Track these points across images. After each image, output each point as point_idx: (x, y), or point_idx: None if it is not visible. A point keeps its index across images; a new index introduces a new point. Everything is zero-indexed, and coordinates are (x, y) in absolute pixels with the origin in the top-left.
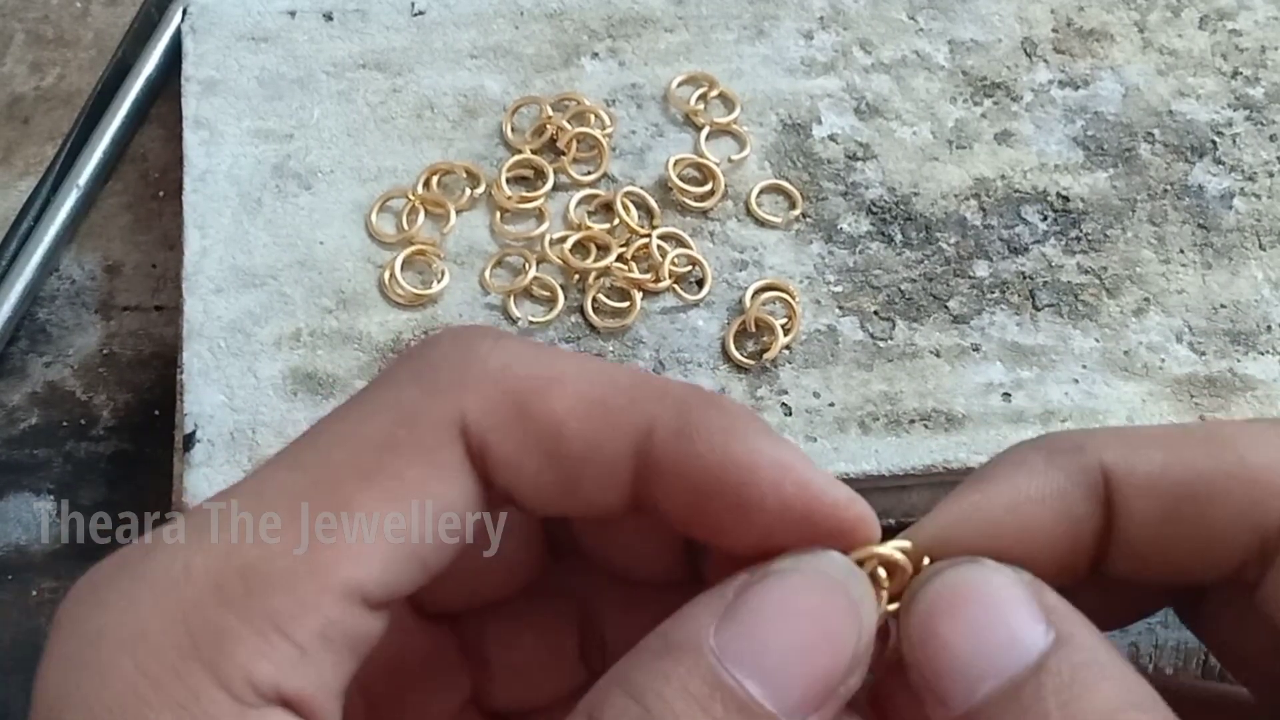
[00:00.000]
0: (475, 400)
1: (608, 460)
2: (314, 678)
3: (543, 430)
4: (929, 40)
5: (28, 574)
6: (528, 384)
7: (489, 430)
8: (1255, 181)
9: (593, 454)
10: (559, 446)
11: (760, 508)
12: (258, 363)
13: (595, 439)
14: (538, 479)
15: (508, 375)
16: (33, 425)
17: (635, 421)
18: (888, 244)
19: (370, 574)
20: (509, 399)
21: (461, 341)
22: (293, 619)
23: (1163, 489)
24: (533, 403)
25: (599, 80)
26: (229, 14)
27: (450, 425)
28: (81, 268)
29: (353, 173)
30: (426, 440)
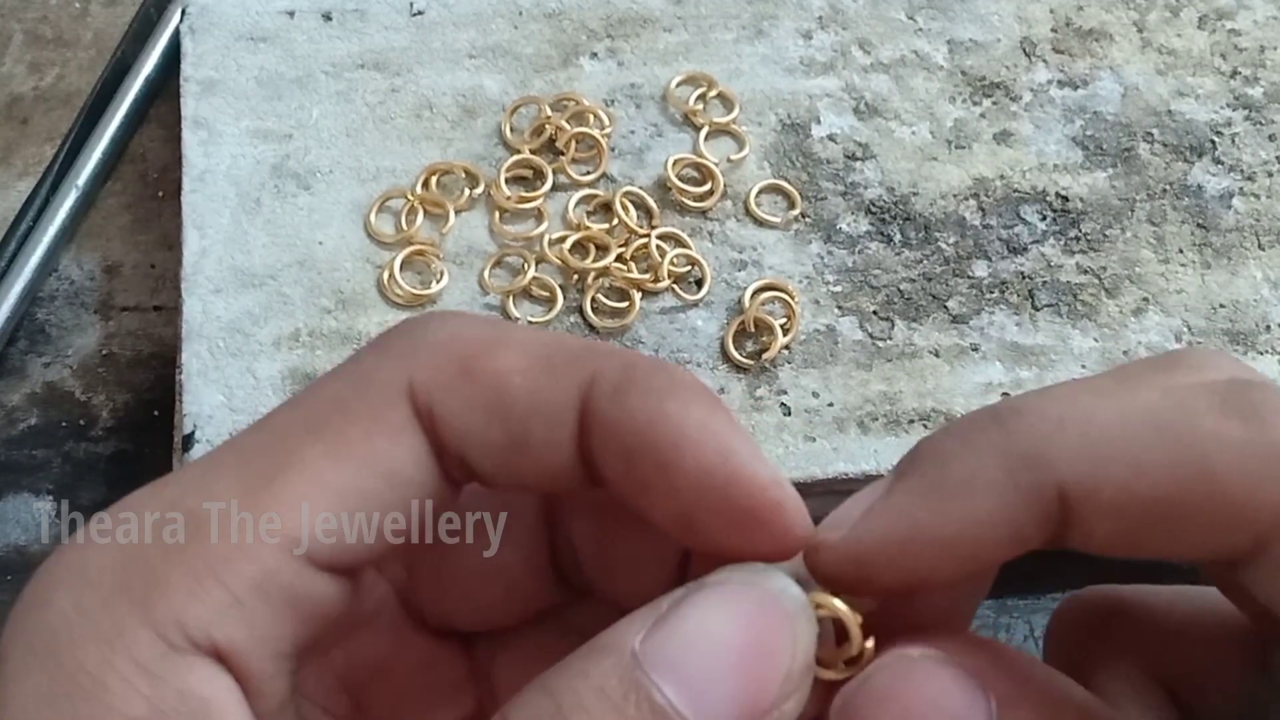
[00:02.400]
0: (422, 363)
1: (552, 413)
2: (248, 630)
3: (487, 386)
4: (928, 40)
5: (27, 574)
6: (473, 345)
7: (434, 389)
8: (1254, 181)
9: (538, 406)
10: (504, 401)
11: (680, 469)
12: (257, 363)
13: (540, 392)
14: (485, 438)
15: (454, 339)
16: (32, 426)
17: (578, 375)
18: (887, 244)
19: (310, 527)
20: (454, 359)
21: (419, 320)
22: (227, 565)
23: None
24: (478, 361)
25: (598, 80)
26: (228, 14)
27: (398, 386)
28: (80, 268)
29: (352, 173)
30: (374, 401)
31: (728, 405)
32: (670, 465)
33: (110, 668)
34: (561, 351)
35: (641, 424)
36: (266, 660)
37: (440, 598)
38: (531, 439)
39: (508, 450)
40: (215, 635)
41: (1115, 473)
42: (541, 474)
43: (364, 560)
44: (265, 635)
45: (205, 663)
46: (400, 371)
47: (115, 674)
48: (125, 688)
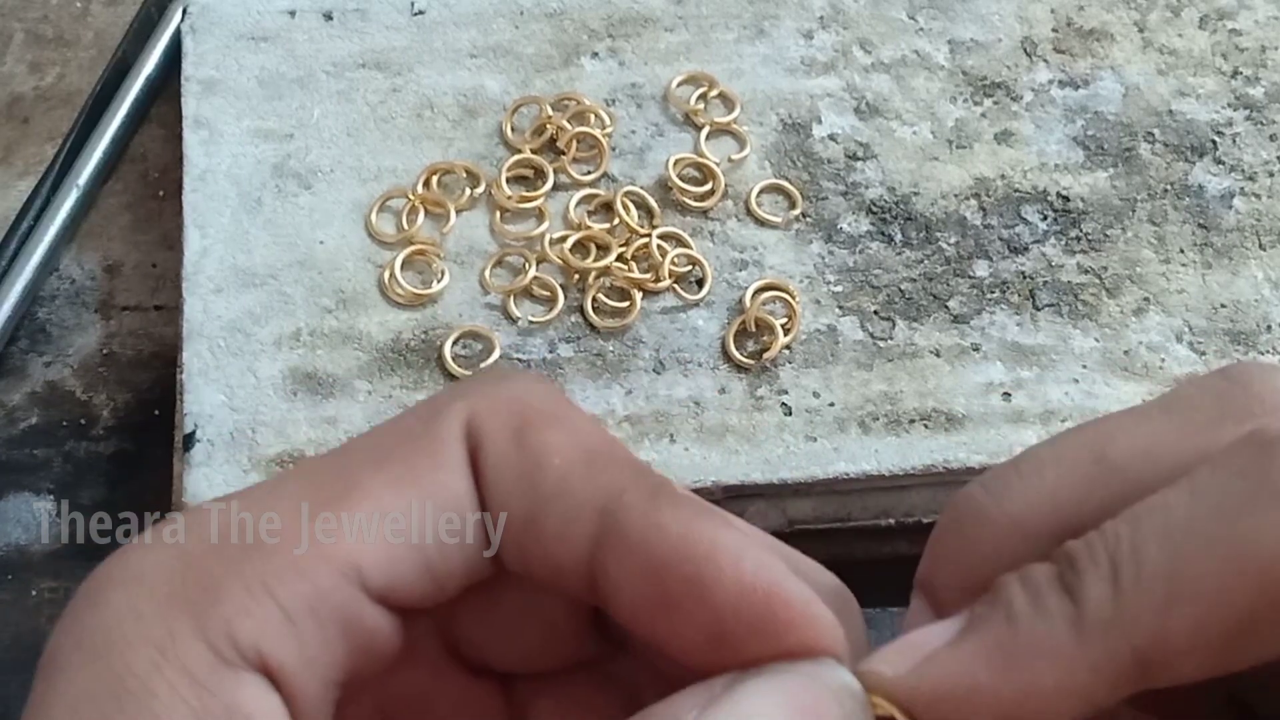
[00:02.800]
0: (485, 406)
1: (573, 507)
2: (298, 650)
3: (530, 454)
4: (929, 40)
5: (27, 574)
6: (534, 410)
7: (486, 435)
8: (1255, 181)
9: (563, 494)
10: (537, 474)
11: (718, 586)
12: (258, 362)
13: (570, 481)
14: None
15: (521, 397)
16: (33, 425)
17: (611, 481)
18: (888, 244)
19: (366, 553)
20: (514, 415)
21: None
22: (282, 582)
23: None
24: (532, 425)
25: (599, 80)
26: (229, 14)
27: (459, 423)
28: (81, 267)
29: (353, 172)
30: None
31: (728, 405)
32: (707, 580)
33: (159, 675)
34: (605, 452)
35: (674, 539)
36: (314, 683)
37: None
38: (547, 525)
39: (523, 526)
40: (265, 651)
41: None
42: (546, 567)
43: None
44: (315, 657)
45: (255, 678)
46: (464, 412)
47: (164, 681)
48: (173, 696)
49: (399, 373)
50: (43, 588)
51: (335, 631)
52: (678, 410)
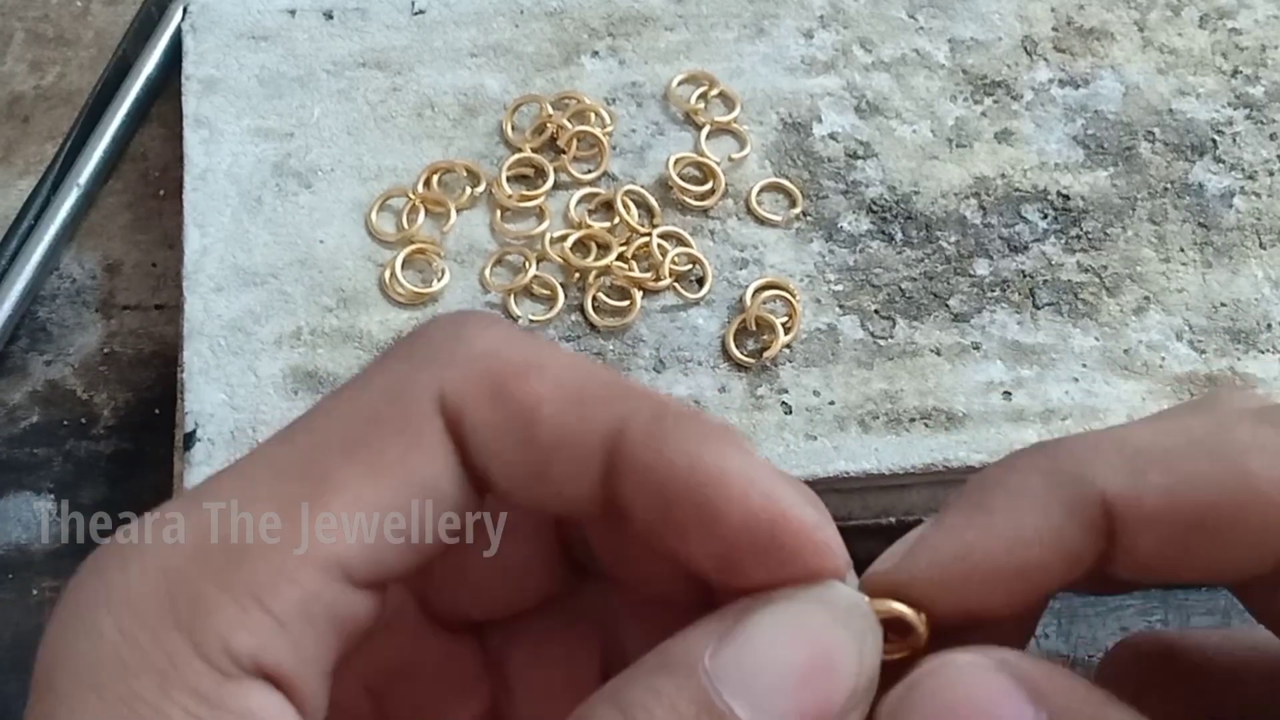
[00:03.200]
0: (456, 375)
1: (578, 450)
2: (295, 652)
3: (517, 411)
4: (929, 39)
5: (28, 573)
6: (509, 365)
7: (465, 405)
8: (1255, 180)
9: (564, 441)
10: (532, 429)
11: (725, 516)
12: (258, 361)
13: (568, 426)
14: (509, 460)
15: (490, 355)
16: (33, 424)
17: (609, 415)
18: (888, 242)
19: (351, 548)
20: (488, 377)
21: (452, 323)
22: (271, 590)
23: (1169, 520)
24: (511, 383)
25: (599, 79)
26: (229, 13)
27: (431, 399)
28: (82, 266)
29: (353, 171)
30: (409, 414)
31: (729, 404)
32: (714, 510)
33: (169, 699)
34: (594, 386)
35: (682, 470)
36: (313, 679)
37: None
38: (554, 471)
39: (529, 478)
40: (262, 659)
41: (1156, 481)
42: (561, 504)
43: (399, 575)
44: (311, 656)
45: (260, 685)
46: (433, 381)
47: (175, 705)
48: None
49: None
50: (43, 587)
51: (326, 627)
52: None
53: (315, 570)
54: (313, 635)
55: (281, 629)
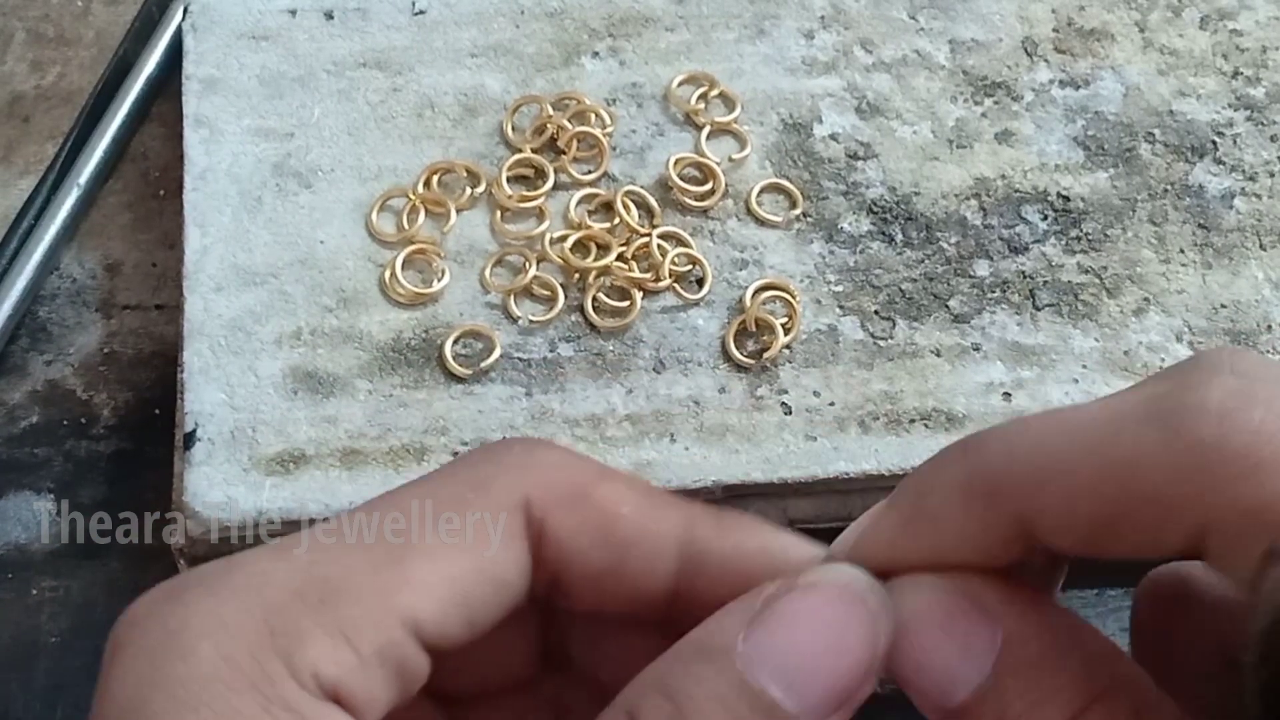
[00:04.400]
0: (540, 479)
1: (655, 544)
2: (366, 690)
3: (599, 512)
4: (930, 40)
5: (27, 573)
6: (587, 474)
7: (551, 508)
8: (1256, 181)
9: (643, 538)
10: (612, 528)
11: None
12: (258, 361)
13: (645, 525)
14: (588, 559)
15: (567, 465)
16: (33, 424)
17: (680, 516)
18: (888, 243)
19: (428, 609)
20: (570, 483)
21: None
22: (359, 630)
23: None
24: (591, 488)
25: (599, 79)
26: (230, 12)
27: (515, 496)
28: (82, 266)
29: (353, 171)
30: (492, 504)
31: (729, 405)
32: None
33: (265, 712)
34: (660, 494)
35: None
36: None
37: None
38: (631, 566)
39: (606, 574)
40: (342, 688)
41: (1055, 495)
42: (631, 599)
43: (454, 647)
44: (377, 697)
45: (338, 710)
46: (518, 480)
47: (270, 716)
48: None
49: (399, 372)
50: (43, 587)
51: (394, 675)
52: (678, 410)
53: (397, 621)
54: (383, 678)
55: (361, 666)
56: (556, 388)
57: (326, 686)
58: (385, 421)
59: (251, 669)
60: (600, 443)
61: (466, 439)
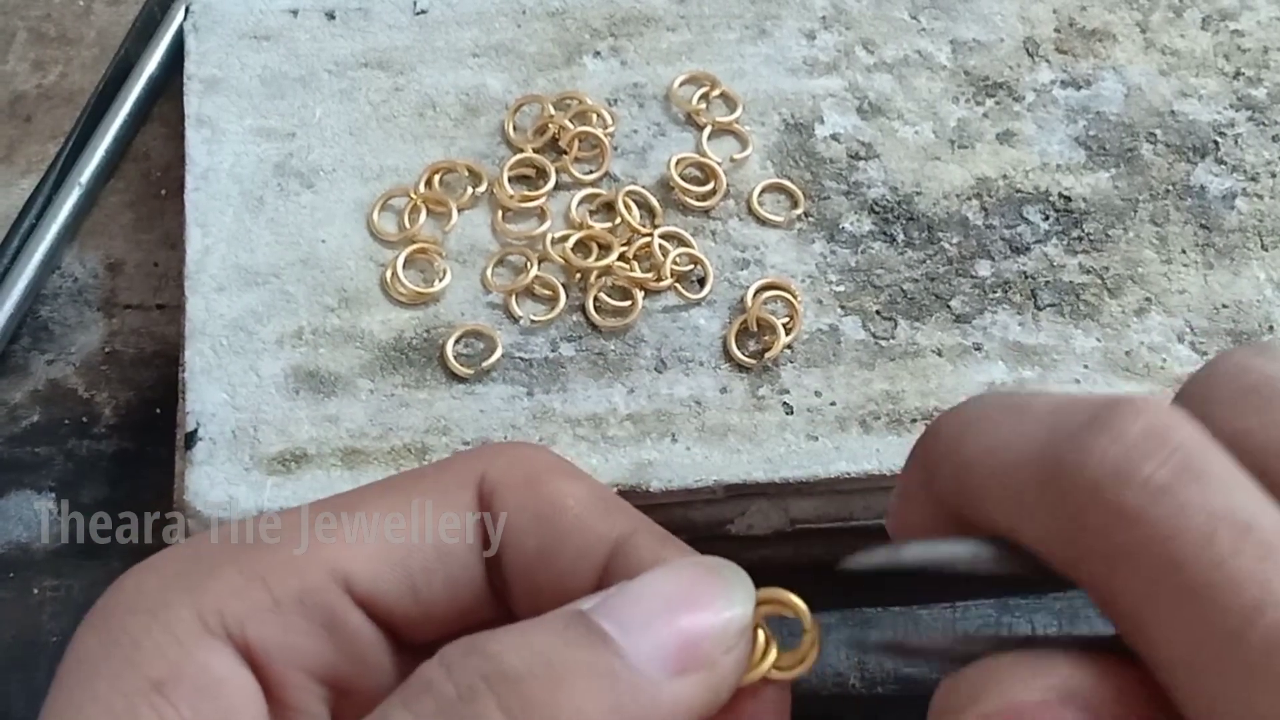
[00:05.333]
0: (501, 464)
1: (590, 543)
2: (280, 634)
3: (545, 499)
4: (931, 40)
5: (28, 572)
6: (547, 466)
7: (500, 485)
8: (1257, 182)
9: (579, 532)
10: (554, 518)
11: None
12: (260, 361)
13: (586, 521)
14: (523, 540)
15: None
16: (34, 423)
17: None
18: (890, 243)
19: (360, 565)
20: (528, 470)
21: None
22: (275, 574)
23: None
24: (544, 477)
25: (601, 79)
26: (231, 12)
27: (470, 476)
28: (84, 266)
29: (355, 171)
30: (445, 477)
31: (730, 405)
32: None
33: (147, 633)
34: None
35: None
36: (293, 670)
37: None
38: (562, 559)
39: (540, 560)
40: (248, 630)
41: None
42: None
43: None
44: (296, 645)
45: (231, 650)
46: (477, 466)
47: (150, 639)
48: (155, 651)
49: (401, 371)
50: (44, 586)
51: (319, 625)
52: (679, 409)
53: (320, 570)
54: (303, 626)
55: (275, 610)
56: (558, 387)
57: (231, 626)
58: (387, 421)
59: (154, 596)
60: (601, 442)
61: (468, 439)
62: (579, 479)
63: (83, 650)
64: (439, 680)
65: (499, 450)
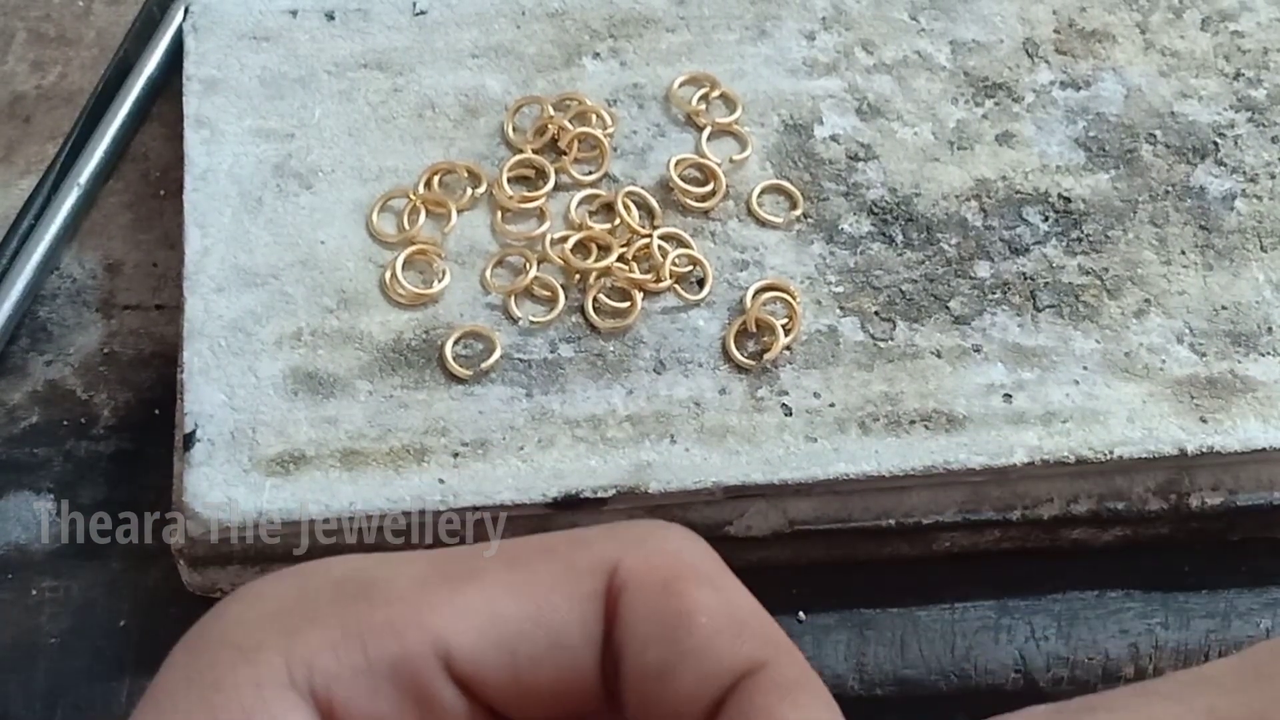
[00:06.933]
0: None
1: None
2: (366, 702)
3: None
4: (931, 41)
5: (27, 573)
6: (689, 567)
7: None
8: (1257, 183)
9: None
10: (680, 630)
11: None
12: (259, 362)
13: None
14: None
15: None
16: (33, 424)
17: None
18: (889, 244)
19: (463, 638)
20: (666, 569)
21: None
22: (375, 635)
23: None
24: (685, 581)
25: (600, 80)
26: (231, 13)
27: (604, 563)
28: (82, 266)
29: (354, 172)
30: (576, 559)
31: (729, 406)
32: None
33: (231, 674)
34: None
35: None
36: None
37: None
38: (682, 680)
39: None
40: (334, 693)
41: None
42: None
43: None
44: (374, 710)
45: (310, 711)
46: (613, 552)
47: (232, 681)
48: (233, 695)
49: (400, 372)
50: (43, 587)
51: (410, 698)
52: (678, 411)
53: (424, 638)
54: (392, 696)
55: (368, 674)
56: (557, 389)
57: (317, 685)
58: (386, 422)
59: (248, 636)
60: (600, 444)
61: (467, 440)
62: (718, 589)
63: (169, 678)
64: None
65: (643, 536)
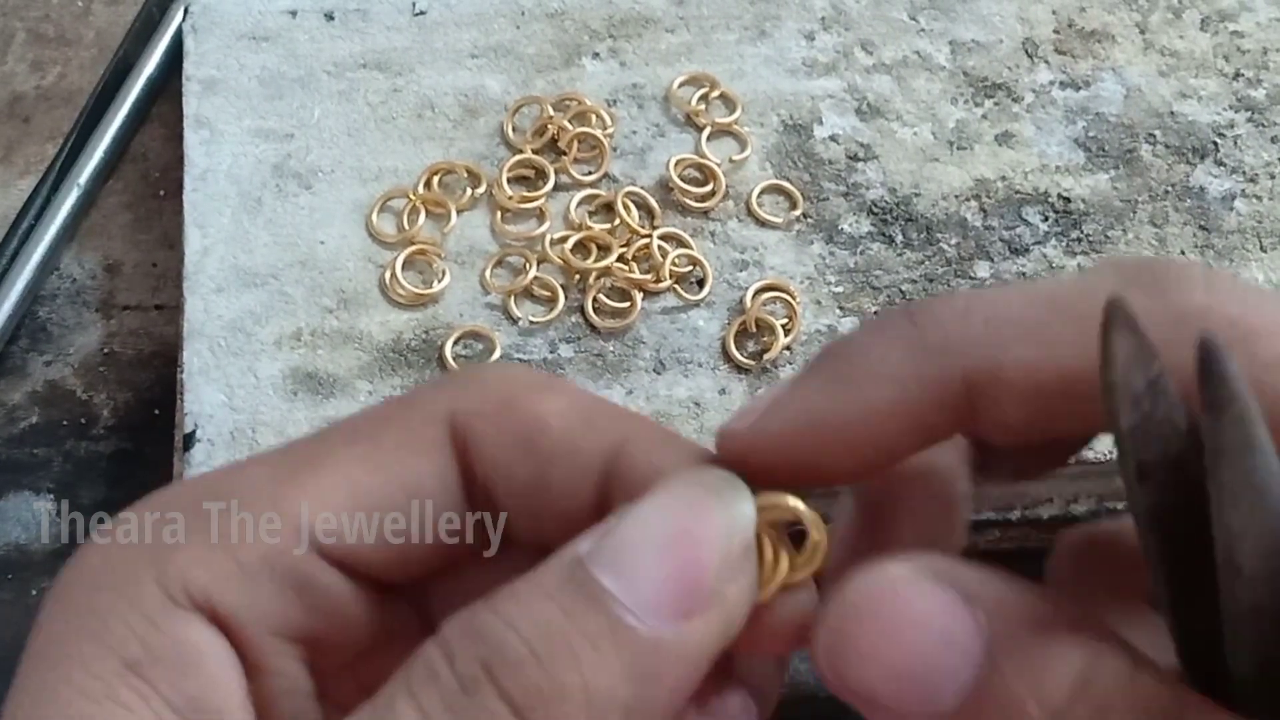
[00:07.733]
0: (469, 395)
1: (580, 461)
2: (249, 600)
3: (524, 422)
4: (930, 41)
5: (27, 573)
6: (521, 387)
7: (474, 419)
8: (1256, 183)
9: (567, 453)
10: (537, 441)
11: None
12: (258, 362)
13: (572, 439)
14: (511, 471)
15: (505, 381)
16: (33, 424)
17: (613, 432)
18: (888, 245)
19: (327, 518)
20: (500, 396)
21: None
22: (240, 540)
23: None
24: (521, 400)
25: (600, 80)
26: (230, 13)
27: (440, 412)
28: (82, 266)
29: (353, 172)
30: (413, 420)
31: (729, 406)
32: None
33: (115, 613)
34: (600, 409)
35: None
36: (265, 634)
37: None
38: (555, 481)
39: (530, 486)
40: (215, 599)
41: (1019, 354)
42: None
43: (368, 557)
44: (267, 609)
45: (202, 620)
46: (446, 400)
47: (119, 618)
48: (125, 631)
49: (400, 373)
50: (43, 587)
51: (288, 587)
52: (678, 410)
53: (288, 530)
54: (272, 590)
55: (242, 576)
56: None
57: (197, 595)
58: None
59: (118, 572)
60: None
61: None
62: (559, 393)
63: (51, 632)
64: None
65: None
